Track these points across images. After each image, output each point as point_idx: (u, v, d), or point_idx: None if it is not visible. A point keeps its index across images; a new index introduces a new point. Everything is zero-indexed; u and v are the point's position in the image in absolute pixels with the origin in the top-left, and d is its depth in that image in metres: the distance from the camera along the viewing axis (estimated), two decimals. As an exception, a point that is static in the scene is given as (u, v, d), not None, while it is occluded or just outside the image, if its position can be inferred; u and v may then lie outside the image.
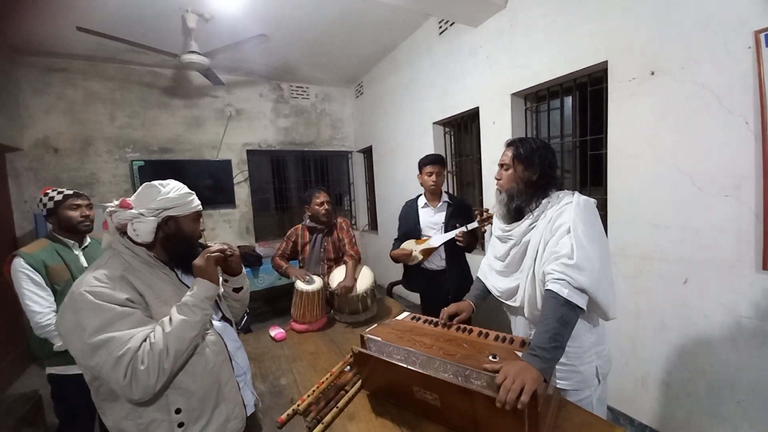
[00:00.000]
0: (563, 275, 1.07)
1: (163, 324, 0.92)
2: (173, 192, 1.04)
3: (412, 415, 1.12)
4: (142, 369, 0.84)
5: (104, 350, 0.83)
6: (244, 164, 4.72)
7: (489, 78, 2.80)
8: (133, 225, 0.98)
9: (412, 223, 2.36)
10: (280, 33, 3.38)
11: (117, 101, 3.97)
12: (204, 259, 1.04)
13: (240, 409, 1.06)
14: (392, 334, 1.24)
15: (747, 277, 1.55)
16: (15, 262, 1.55)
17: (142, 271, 0.99)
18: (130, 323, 0.88)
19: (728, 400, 1.65)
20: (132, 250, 1.00)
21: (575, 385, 1.22)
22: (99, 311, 0.86)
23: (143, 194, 1.03)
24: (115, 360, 0.83)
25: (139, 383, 0.84)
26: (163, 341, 0.89)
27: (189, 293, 0.99)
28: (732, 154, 1.55)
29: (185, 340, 0.93)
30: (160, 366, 0.87)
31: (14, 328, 3.10)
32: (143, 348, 0.86)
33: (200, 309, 0.98)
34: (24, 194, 3.57)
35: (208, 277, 1.03)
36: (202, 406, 0.97)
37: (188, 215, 1.07)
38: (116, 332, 0.85)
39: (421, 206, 2.37)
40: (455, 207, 2.29)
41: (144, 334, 0.89)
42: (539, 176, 1.27)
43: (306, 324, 1.96)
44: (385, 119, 4.49)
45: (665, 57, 1.73)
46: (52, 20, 2.91)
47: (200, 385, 0.97)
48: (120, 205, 1.00)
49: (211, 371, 1.00)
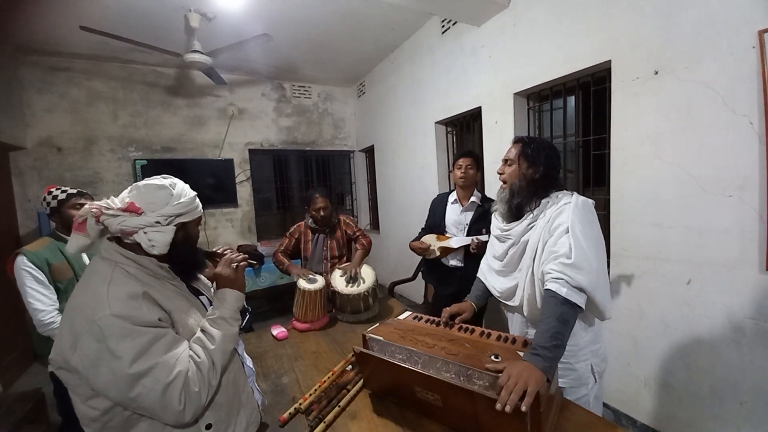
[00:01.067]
0: (562, 274, 1.08)
1: (202, 341, 0.88)
2: (185, 196, 0.93)
3: (414, 415, 1.12)
4: (196, 391, 0.81)
5: (150, 378, 0.76)
6: (246, 163, 4.73)
7: (491, 77, 2.80)
8: (147, 234, 0.85)
9: (437, 218, 2.34)
10: (282, 32, 3.38)
11: (120, 100, 3.98)
12: (232, 268, 1.00)
13: (256, 413, 1.05)
14: (394, 334, 1.24)
15: (750, 277, 1.54)
16: (18, 260, 1.56)
17: (153, 285, 0.88)
18: (167, 345, 0.81)
19: (731, 402, 1.65)
20: (137, 261, 0.88)
21: (570, 383, 1.24)
22: (134, 335, 0.76)
23: (153, 197, 0.88)
24: (164, 386, 0.76)
25: (192, 405, 0.80)
26: (209, 359, 0.85)
27: (222, 305, 0.95)
28: (736, 154, 1.54)
29: (227, 354, 0.91)
30: (209, 384, 0.84)
31: (17, 326, 3.11)
32: (191, 369, 0.82)
33: (235, 321, 0.95)
34: (27, 193, 3.58)
35: (238, 286, 1.00)
36: (228, 416, 0.93)
37: (195, 220, 0.98)
38: (158, 357, 0.78)
39: (450, 202, 2.32)
40: (485, 210, 2.19)
41: (186, 355, 0.83)
42: (541, 176, 1.28)
43: (308, 323, 1.96)
44: (387, 119, 4.49)
45: (669, 56, 1.72)
46: (55, 20, 2.92)
47: (225, 397, 0.93)
48: (127, 209, 0.84)
49: (232, 381, 0.96)
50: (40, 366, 3.24)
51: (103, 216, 0.84)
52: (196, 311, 0.96)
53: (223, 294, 0.98)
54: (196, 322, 0.93)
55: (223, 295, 0.97)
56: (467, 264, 2.21)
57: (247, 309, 3.02)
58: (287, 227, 2.51)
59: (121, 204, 0.85)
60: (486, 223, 2.11)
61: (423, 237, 2.32)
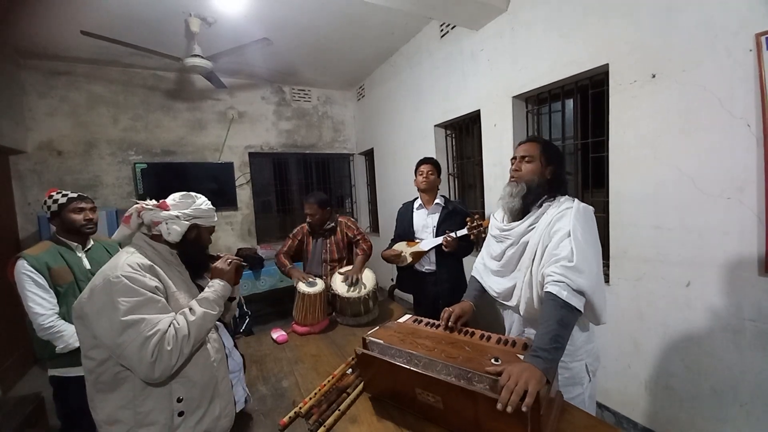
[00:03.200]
0: (563, 277, 1.09)
1: (185, 313, 1.03)
2: (204, 205, 1.18)
3: (415, 418, 1.12)
4: (168, 349, 0.94)
5: (134, 329, 0.91)
6: (246, 166, 4.74)
7: (490, 81, 2.81)
8: (167, 225, 1.09)
9: (406, 225, 2.40)
10: (282, 37, 3.40)
11: (120, 104, 4.00)
12: (226, 263, 1.22)
13: (231, 407, 1.13)
14: (394, 337, 1.24)
15: (749, 279, 1.54)
16: (18, 264, 1.56)
17: (162, 266, 1.08)
18: (157, 309, 0.97)
19: (731, 404, 1.64)
20: (154, 248, 1.10)
21: (564, 382, 1.25)
22: (133, 294, 0.94)
23: (180, 200, 1.16)
24: (144, 338, 0.91)
25: (162, 362, 0.93)
26: (187, 327, 0.99)
27: (210, 289, 1.13)
28: (734, 156, 1.54)
29: (203, 330, 1.04)
30: (182, 350, 0.97)
31: (17, 330, 3.10)
32: (170, 331, 0.96)
33: (217, 305, 1.11)
34: (27, 196, 3.58)
35: (227, 278, 1.19)
36: (201, 397, 1.04)
37: (208, 227, 1.21)
38: (147, 315, 0.94)
39: (416, 208, 2.41)
40: (449, 211, 2.30)
41: (170, 320, 0.98)
42: (554, 177, 1.30)
43: (308, 326, 1.96)
44: (387, 122, 4.50)
45: (666, 60, 1.73)
46: (56, 24, 2.94)
47: (201, 377, 1.04)
48: (159, 205, 1.10)
49: (210, 365, 1.07)
50: (40, 370, 3.23)
51: (144, 211, 1.08)
52: (189, 296, 1.12)
53: (214, 282, 1.17)
54: (186, 303, 1.09)
55: (213, 282, 1.17)
56: (440, 268, 2.29)
57: (247, 312, 3.05)
58: (287, 230, 2.53)
59: (156, 203, 1.11)
60: (451, 223, 2.21)
61: (394, 245, 2.39)
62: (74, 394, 1.59)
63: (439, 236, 2.17)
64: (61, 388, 1.65)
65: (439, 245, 2.14)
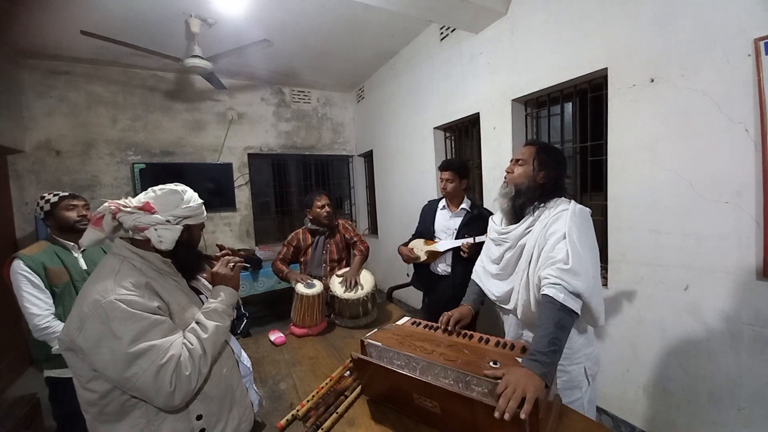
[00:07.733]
0: (559, 280, 1.09)
1: (196, 330, 0.94)
2: (193, 201, 1.02)
3: (412, 422, 1.12)
4: (187, 374, 0.85)
5: (145, 359, 0.81)
6: (245, 168, 4.73)
7: (489, 84, 2.82)
8: (157, 231, 0.93)
9: (427, 223, 2.38)
10: (282, 38, 3.40)
11: (119, 104, 3.99)
12: (228, 268, 1.10)
13: (249, 412, 1.07)
14: (392, 339, 1.23)
15: (747, 283, 1.54)
16: (14, 264, 1.55)
17: (156, 279, 0.95)
18: (163, 331, 0.87)
19: (729, 408, 1.64)
20: (144, 258, 0.95)
21: (562, 385, 1.25)
22: (134, 320, 0.83)
23: (166, 199, 0.98)
24: (158, 368, 0.82)
25: (182, 389, 0.85)
26: (201, 346, 0.90)
27: (218, 300, 1.02)
28: (732, 160, 1.55)
29: (217, 345, 0.97)
30: (200, 370, 0.89)
31: (13, 331, 3.08)
32: (184, 354, 0.87)
33: (228, 315, 1.02)
34: (25, 196, 3.57)
35: (233, 285, 1.08)
36: (219, 410, 0.96)
37: (199, 224, 1.07)
38: (155, 341, 0.84)
39: (440, 208, 2.37)
40: (473, 216, 2.23)
41: (180, 341, 0.89)
42: (548, 182, 1.30)
43: (306, 328, 1.95)
44: (386, 124, 4.50)
45: (665, 64, 1.74)
46: (56, 24, 2.93)
47: (217, 390, 0.97)
48: (143, 207, 0.93)
49: (225, 375, 1.00)
50: (36, 371, 3.21)
51: (120, 213, 0.91)
52: (193, 306, 1.01)
53: (219, 290, 1.05)
54: (192, 315, 0.98)
55: (218, 291, 1.05)
56: (455, 271, 2.23)
57: (244, 314, 3.02)
58: (286, 231, 2.53)
59: (137, 203, 0.94)
60: (473, 229, 2.15)
61: (411, 242, 2.36)
62: (70, 395, 1.56)
63: (458, 239, 2.14)
64: (56, 388, 1.64)
65: (458, 249, 2.11)
